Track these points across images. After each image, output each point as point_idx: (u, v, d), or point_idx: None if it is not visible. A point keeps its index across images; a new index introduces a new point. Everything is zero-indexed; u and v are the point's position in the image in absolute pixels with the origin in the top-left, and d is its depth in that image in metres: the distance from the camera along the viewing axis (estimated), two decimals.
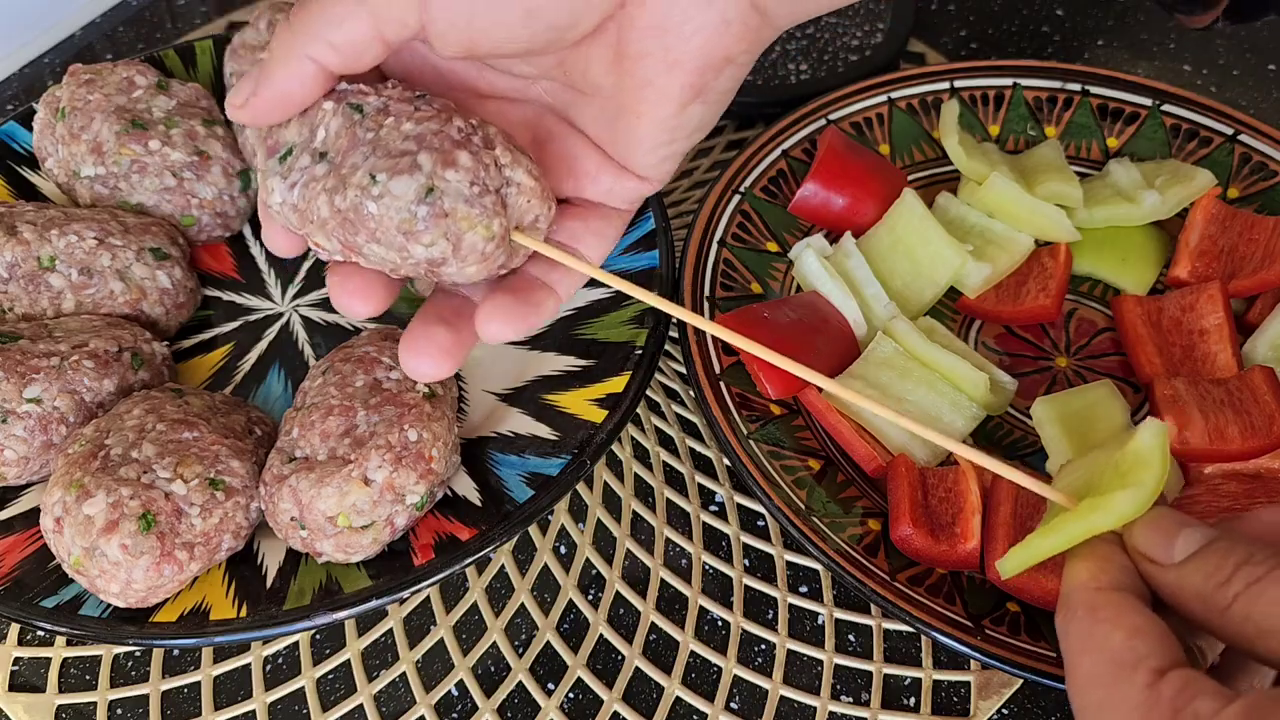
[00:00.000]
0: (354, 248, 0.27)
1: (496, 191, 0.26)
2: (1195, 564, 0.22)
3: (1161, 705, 0.20)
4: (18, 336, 0.37)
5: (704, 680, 0.36)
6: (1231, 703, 0.19)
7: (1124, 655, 0.21)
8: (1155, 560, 0.23)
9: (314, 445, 0.34)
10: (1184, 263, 0.43)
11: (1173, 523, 0.23)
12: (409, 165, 0.25)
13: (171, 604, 0.33)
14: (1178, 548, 0.22)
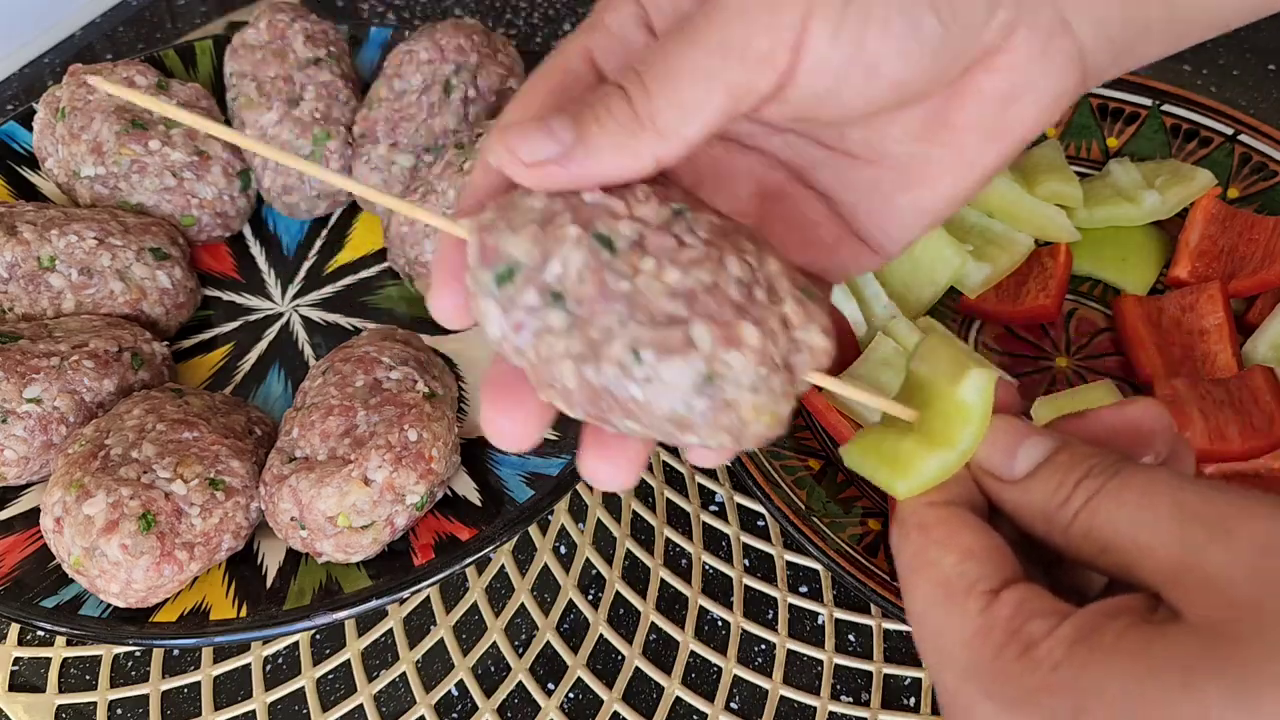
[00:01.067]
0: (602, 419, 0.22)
1: (786, 365, 0.21)
2: (1038, 481, 0.21)
3: (995, 630, 0.19)
4: (18, 336, 0.37)
5: (704, 680, 0.36)
6: (1064, 620, 0.18)
7: (956, 580, 0.20)
8: (997, 476, 0.21)
9: (314, 445, 0.34)
10: (1184, 263, 0.43)
11: (1014, 435, 0.21)
12: (681, 343, 0.20)
13: (171, 604, 0.33)
14: (1019, 463, 0.21)
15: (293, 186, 0.45)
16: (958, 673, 0.19)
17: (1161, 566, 0.18)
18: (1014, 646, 0.19)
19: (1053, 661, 0.18)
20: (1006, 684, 0.18)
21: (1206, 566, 0.17)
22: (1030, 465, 0.21)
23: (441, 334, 0.43)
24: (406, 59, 0.45)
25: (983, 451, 0.21)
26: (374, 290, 0.45)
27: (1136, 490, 0.19)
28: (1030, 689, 0.18)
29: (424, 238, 0.41)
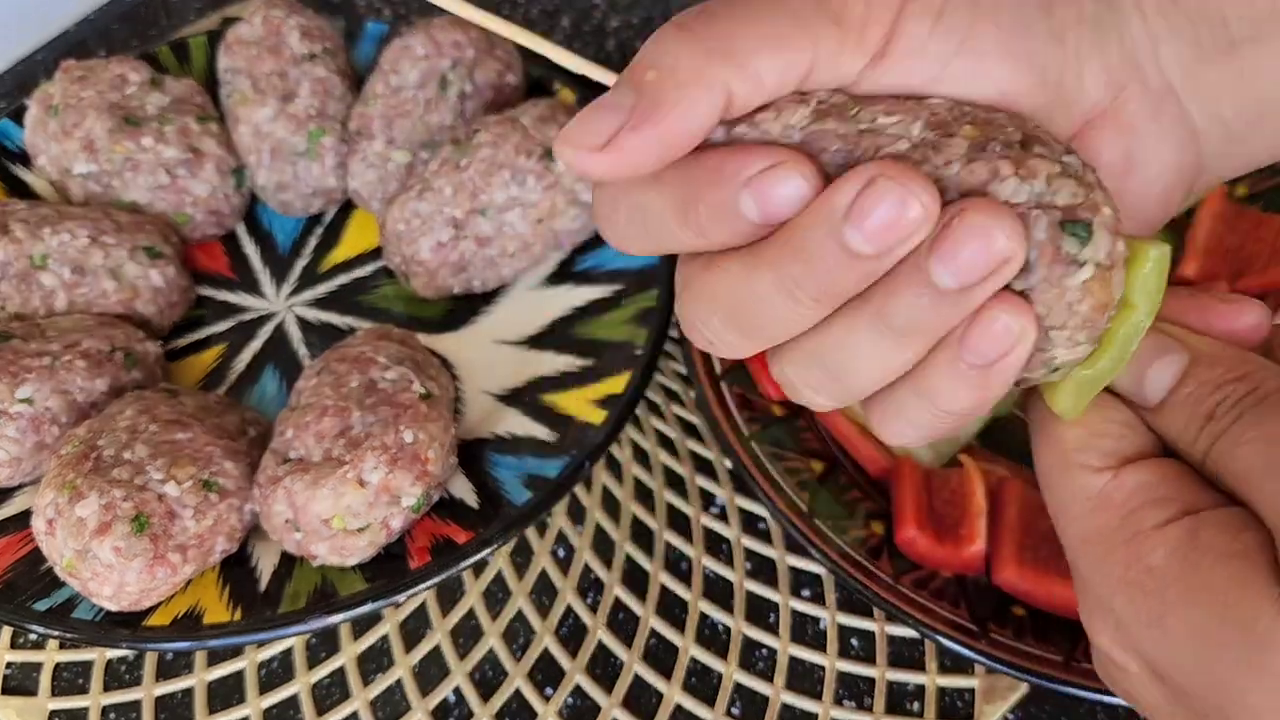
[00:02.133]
0: None
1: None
2: (1166, 415, 0.20)
3: (1110, 509, 0.19)
4: (10, 336, 0.37)
5: (705, 685, 0.36)
6: (1180, 519, 0.18)
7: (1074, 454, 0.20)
8: (1134, 401, 0.20)
9: (309, 446, 0.34)
10: (1191, 261, 0.43)
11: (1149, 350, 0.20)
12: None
13: (165, 607, 0.33)
14: (1149, 390, 0.20)
15: (288, 184, 0.45)
16: (1075, 545, 0.20)
17: (1272, 518, 0.18)
18: (1123, 531, 0.19)
19: (1151, 561, 0.18)
20: (1112, 569, 0.19)
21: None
22: (1160, 392, 0.20)
23: (438, 333, 0.43)
24: (402, 55, 0.45)
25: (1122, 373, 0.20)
26: (369, 289, 0.45)
27: (1254, 439, 0.18)
28: (1128, 580, 0.18)
29: (419, 236, 0.41)
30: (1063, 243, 0.18)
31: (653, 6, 0.64)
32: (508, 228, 0.40)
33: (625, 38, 0.62)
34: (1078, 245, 0.18)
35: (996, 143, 0.19)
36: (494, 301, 0.43)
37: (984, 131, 0.19)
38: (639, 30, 0.63)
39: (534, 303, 0.43)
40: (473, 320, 0.43)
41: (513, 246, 0.41)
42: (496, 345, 0.42)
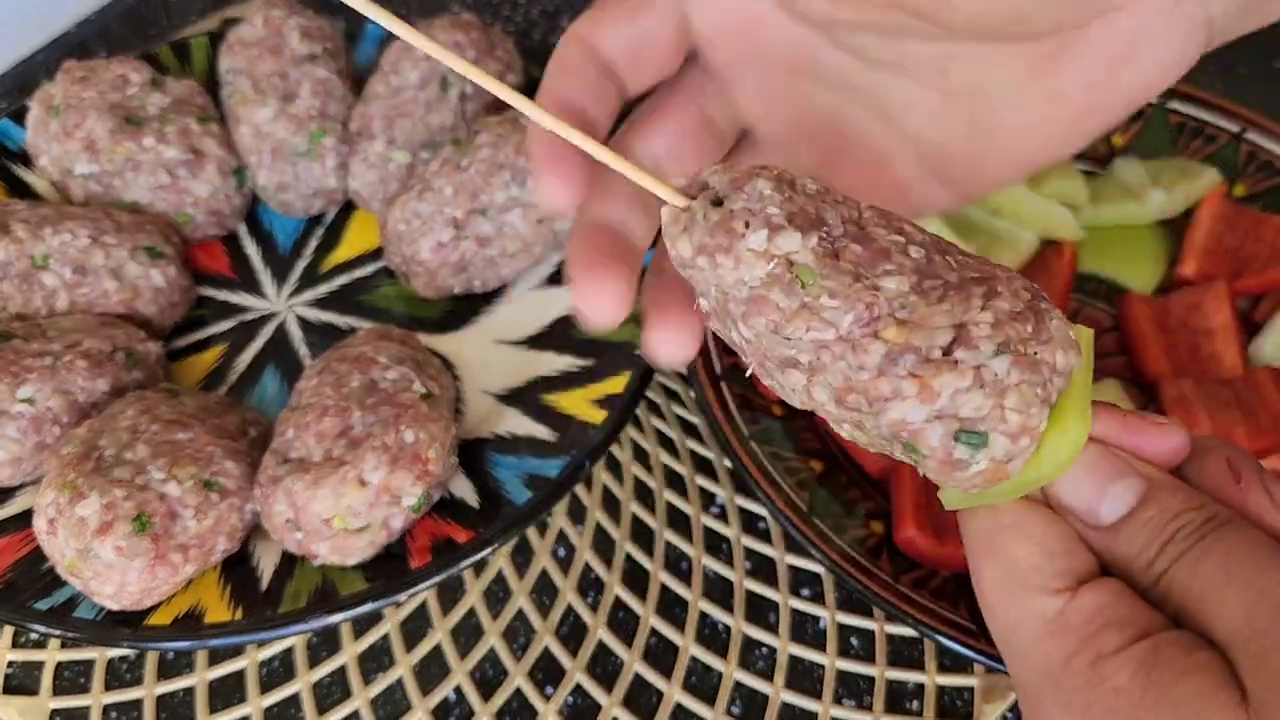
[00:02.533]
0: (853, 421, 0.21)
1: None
2: (1122, 537, 0.20)
3: (1069, 635, 0.19)
4: (11, 336, 0.37)
5: (705, 684, 0.36)
6: (1140, 640, 0.18)
7: (1029, 575, 0.20)
8: (1082, 519, 0.20)
9: (309, 446, 0.34)
10: (1190, 261, 0.43)
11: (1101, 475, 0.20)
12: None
13: (166, 606, 0.33)
14: (1104, 510, 0.20)
15: (288, 184, 0.45)
16: (1030, 668, 0.19)
17: (1228, 637, 0.18)
18: (1085, 655, 0.18)
19: (1116, 683, 0.18)
20: (1074, 693, 0.18)
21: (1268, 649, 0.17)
22: (1117, 514, 0.20)
23: (438, 333, 0.43)
24: (403, 55, 0.45)
25: (1067, 489, 0.20)
26: (370, 289, 0.45)
27: (1214, 559, 0.19)
28: (1091, 704, 0.18)
29: (420, 236, 0.41)
30: (954, 450, 0.19)
31: None
32: (508, 228, 0.40)
33: None
34: (970, 452, 0.19)
35: (912, 355, 0.19)
36: (494, 301, 0.44)
37: (906, 337, 0.20)
38: None
39: (534, 303, 0.43)
40: (473, 320, 0.43)
41: (513, 247, 0.41)
42: (497, 345, 0.42)
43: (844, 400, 0.20)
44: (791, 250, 0.20)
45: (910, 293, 0.20)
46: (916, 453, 0.20)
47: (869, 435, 0.21)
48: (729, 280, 0.21)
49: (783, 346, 0.21)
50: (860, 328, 0.20)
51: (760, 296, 0.20)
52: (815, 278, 0.20)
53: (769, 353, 0.21)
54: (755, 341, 0.21)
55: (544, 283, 0.44)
